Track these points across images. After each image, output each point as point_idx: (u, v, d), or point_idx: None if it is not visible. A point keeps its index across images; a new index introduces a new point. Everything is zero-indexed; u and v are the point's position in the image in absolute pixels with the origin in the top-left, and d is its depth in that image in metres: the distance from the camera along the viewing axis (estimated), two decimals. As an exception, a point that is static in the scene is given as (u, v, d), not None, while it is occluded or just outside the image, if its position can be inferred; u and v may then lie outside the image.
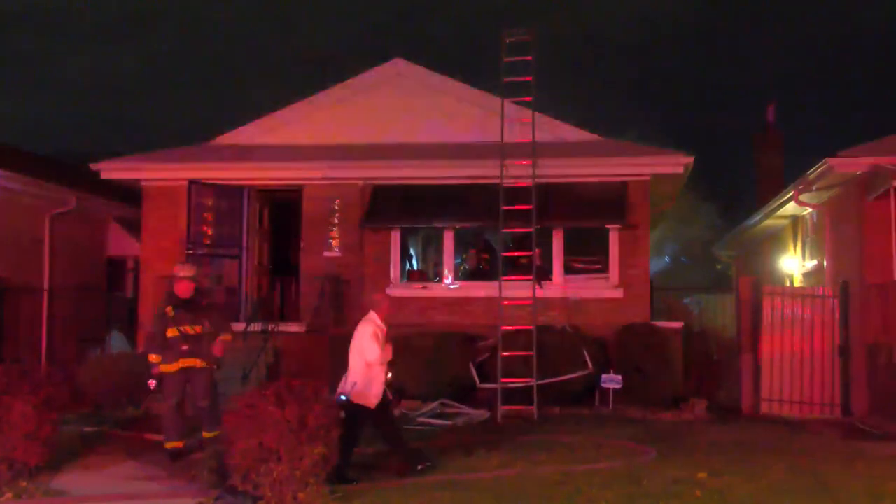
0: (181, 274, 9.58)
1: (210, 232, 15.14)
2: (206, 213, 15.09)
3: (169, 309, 9.44)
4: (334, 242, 15.42)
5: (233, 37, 58.36)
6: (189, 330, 9.36)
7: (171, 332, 9.36)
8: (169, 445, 9.31)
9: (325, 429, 7.23)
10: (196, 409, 9.54)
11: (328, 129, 16.06)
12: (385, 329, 8.83)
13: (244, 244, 15.69)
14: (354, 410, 8.49)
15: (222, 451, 7.37)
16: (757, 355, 13.72)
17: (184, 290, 9.50)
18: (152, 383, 9.40)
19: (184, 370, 9.37)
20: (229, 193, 15.49)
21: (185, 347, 9.33)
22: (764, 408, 13.43)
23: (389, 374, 8.94)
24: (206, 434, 9.38)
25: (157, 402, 10.88)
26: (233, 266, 15.46)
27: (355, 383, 8.51)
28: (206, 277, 11.30)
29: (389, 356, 8.76)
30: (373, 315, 8.85)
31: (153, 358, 9.40)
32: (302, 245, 15.58)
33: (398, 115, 16.04)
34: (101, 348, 15.72)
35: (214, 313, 9.75)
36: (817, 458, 9.45)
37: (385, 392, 8.76)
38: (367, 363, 8.54)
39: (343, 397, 8.50)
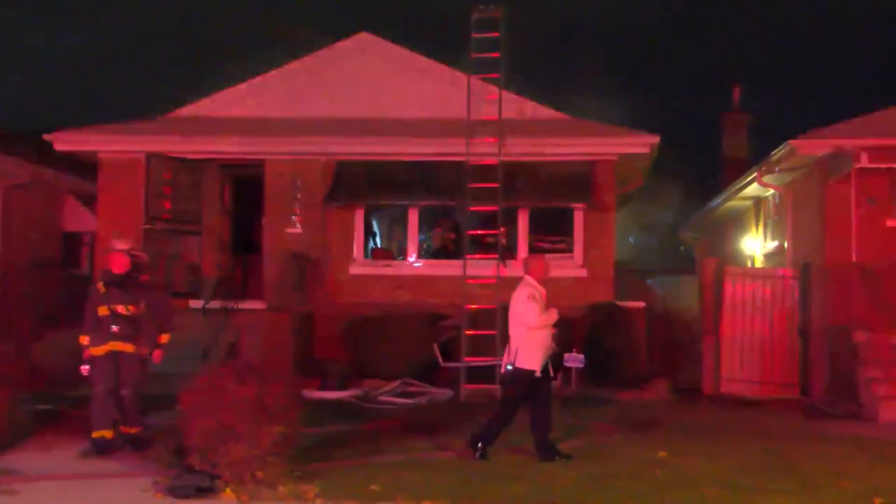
0: (116, 246, 8.66)
1: (169, 207, 14.85)
2: (164, 188, 14.80)
3: (100, 285, 8.60)
4: (297, 219, 15.26)
5: (197, 9, 57.36)
6: (121, 310, 8.48)
7: (102, 311, 8.48)
8: (95, 434, 8.43)
9: (286, 407, 7.17)
10: (117, 397, 8.53)
11: (292, 103, 15.84)
12: (544, 291, 8.39)
13: (204, 220, 15.47)
14: (521, 377, 8.14)
15: (180, 430, 7.27)
16: (718, 336, 13.89)
17: (118, 264, 8.60)
18: (84, 369, 8.51)
19: (112, 354, 8.47)
20: (189, 167, 15.22)
21: (115, 329, 8.46)
22: (724, 388, 13.62)
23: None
24: (124, 429, 8.54)
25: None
26: (193, 242, 15.22)
27: (517, 350, 8.14)
28: (148, 252, 10.29)
29: (553, 318, 8.25)
30: (528, 278, 8.41)
31: (83, 339, 8.55)
32: (264, 222, 15.40)
33: (363, 90, 15.87)
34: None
35: (154, 293, 8.80)
36: (778, 437, 9.60)
37: (548, 364, 8.30)
38: (527, 328, 8.16)
39: (509, 367, 8.17)
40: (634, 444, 8.95)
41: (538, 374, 8.21)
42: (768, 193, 17.00)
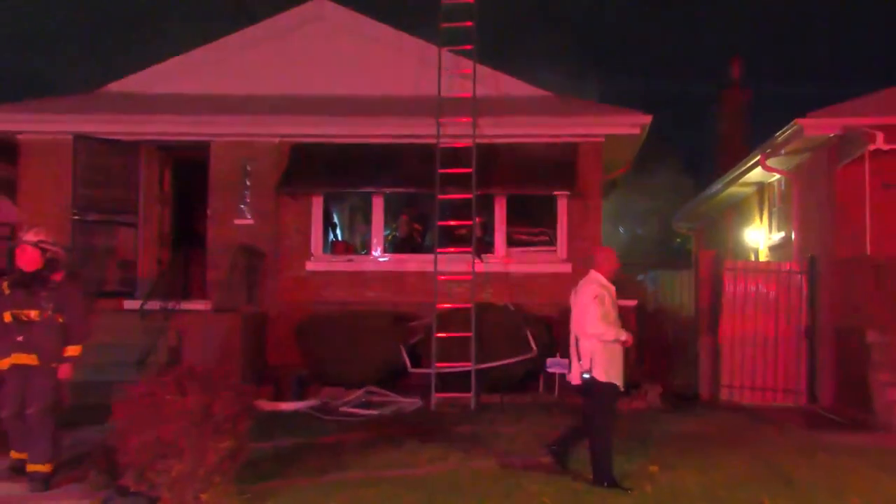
0: (24, 238, 8.12)
1: (100, 195, 14.73)
2: (95, 173, 14.66)
3: (5, 285, 8.09)
4: (247, 209, 15.22)
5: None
6: (27, 315, 8.00)
7: (6, 317, 8.01)
8: (14, 455, 8.15)
9: (234, 420, 7.17)
10: (21, 417, 8.00)
11: (240, 78, 15.77)
12: (613, 289, 8.16)
13: (141, 210, 15.38)
14: (604, 392, 7.89)
15: (113, 447, 7.24)
16: (717, 337, 14.05)
17: (27, 260, 8.06)
18: None
19: (18, 368, 7.98)
20: (123, 150, 15.12)
21: (20, 338, 7.96)
22: (724, 395, 13.78)
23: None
24: (30, 467, 7.94)
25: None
26: (127, 235, 15.13)
27: (593, 357, 7.86)
28: (66, 246, 9.69)
29: (612, 335, 7.93)
30: (595, 274, 8.18)
31: None
32: (209, 212, 15.34)
33: (321, 64, 15.84)
34: None
35: (67, 295, 8.20)
36: (778, 449, 9.75)
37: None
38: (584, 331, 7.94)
39: (586, 376, 7.90)
40: (622, 457, 9.02)
41: (622, 388, 8.07)
42: (773, 179, 17.20)
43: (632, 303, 14.86)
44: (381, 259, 15.27)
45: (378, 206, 15.31)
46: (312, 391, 13.09)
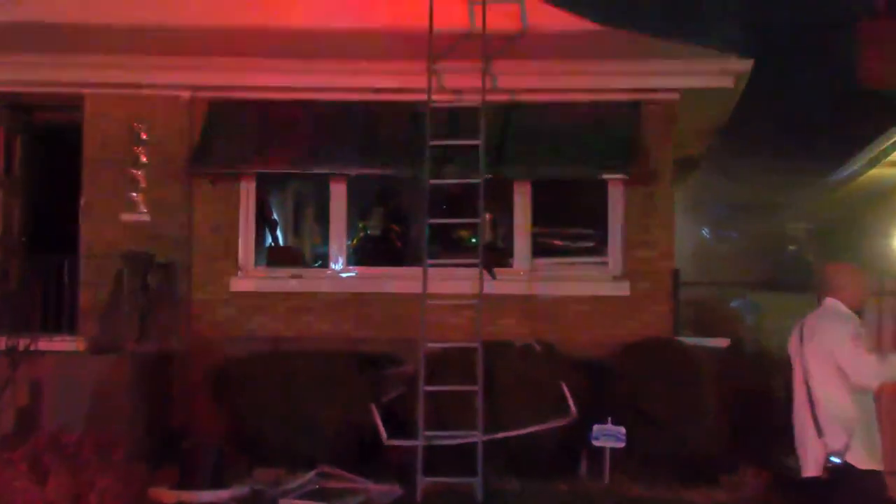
0: None
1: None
2: None
3: None
4: (140, 197, 15.22)
5: None
6: None
7: None
8: None
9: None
10: None
11: (129, 2, 15.79)
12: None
13: (-22, 198, 15.43)
14: (867, 486, 7.71)
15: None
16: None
17: None
18: None
19: None
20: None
21: None
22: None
23: None
24: None
25: None
26: (-42, 237, 15.21)
27: (848, 431, 7.61)
28: None
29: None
30: (834, 304, 8.00)
31: None
32: (83, 201, 15.33)
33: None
34: None
35: None
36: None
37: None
38: (859, 387, 7.68)
39: (836, 460, 7.63)
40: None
41: (889, 477, 7.90)
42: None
43: (722, 342, 14.88)
44: (343, 275, 15.27)
45: (339, 195, 15.31)
46: (238, 473, 13.07)
